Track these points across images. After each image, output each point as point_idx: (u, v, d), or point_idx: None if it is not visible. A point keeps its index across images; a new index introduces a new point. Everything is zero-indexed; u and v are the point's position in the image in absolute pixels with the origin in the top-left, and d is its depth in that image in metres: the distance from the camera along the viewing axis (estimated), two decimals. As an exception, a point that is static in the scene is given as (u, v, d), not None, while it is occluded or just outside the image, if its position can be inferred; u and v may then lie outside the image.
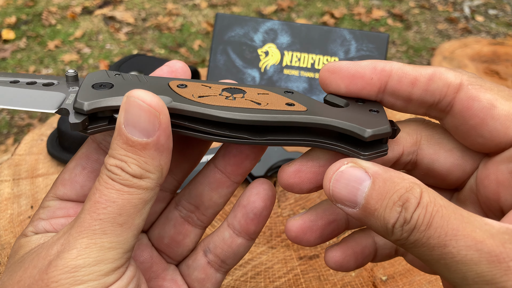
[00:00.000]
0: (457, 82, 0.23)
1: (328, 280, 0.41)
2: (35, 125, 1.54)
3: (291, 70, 0.58)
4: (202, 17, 2.22)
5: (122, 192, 0.21)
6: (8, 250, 0.44)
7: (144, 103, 0.21)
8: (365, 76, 0.24)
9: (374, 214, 0.21)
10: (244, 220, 0.28)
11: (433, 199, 0.20)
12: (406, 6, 2.33)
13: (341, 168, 0.22)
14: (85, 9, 2.26)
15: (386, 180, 0.21)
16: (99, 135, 0.26)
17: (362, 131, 0.22)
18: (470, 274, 0.19)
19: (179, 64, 0.27)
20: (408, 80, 0.23)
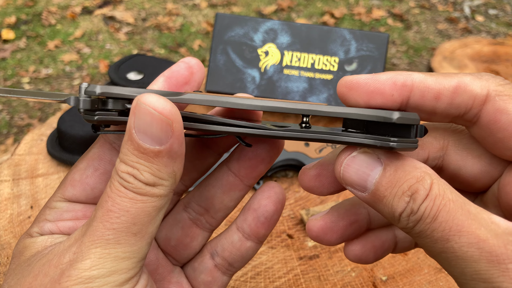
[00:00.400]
0: (483, 94, 0.21)
1: (328, 280, 0.41)
2: (35, 125, 1.54)
3: (291, 70, 0.58)
4: (202, 17, 2.22)
5: (136, 201, 0.21)
6: (8, 250, 0.44)
7: (155, 112, 0.20)
8: (385, 92, 0.22)
9: (383, 200, 0.21)
10: (255, 223, 0.28)
11: (442, 192, 0.20)
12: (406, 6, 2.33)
13: (353, 153, 0.22)
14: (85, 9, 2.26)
15: (398, 168, 0.21)
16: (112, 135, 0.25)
17: (390, 114, 0.21)
18: (469, 270, 0.19)
19: (194, 61, 0.26)
20: (432, 95, 0.22)
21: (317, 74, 0.58)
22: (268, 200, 0.27)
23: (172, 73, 0.26)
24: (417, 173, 0.21)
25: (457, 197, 0.20)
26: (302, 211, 0.47)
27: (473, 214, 0.19)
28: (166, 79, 0.26)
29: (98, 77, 1.79)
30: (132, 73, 0.61)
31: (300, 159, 0.52)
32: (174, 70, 0.26)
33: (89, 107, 0.21)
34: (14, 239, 0.45)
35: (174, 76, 0.26)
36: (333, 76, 0.58)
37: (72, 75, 1.81)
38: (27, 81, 1.77)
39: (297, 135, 0.22)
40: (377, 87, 0.22)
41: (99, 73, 1.82)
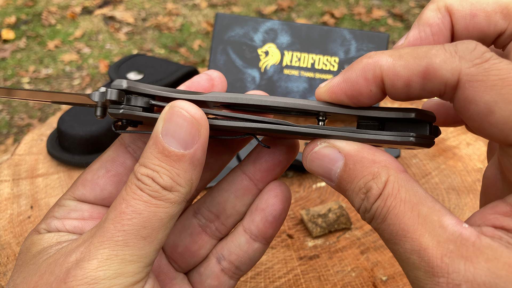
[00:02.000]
0: (454, 80, 0.19)
1: (328, 281, 0.41)
2: (35, 125, 1.54)
3: (291, 70, 0.58)
4: (202, 17, 2.22)
5: (150, 204, 0.21)
6: (8, 250, 0.44)
7: (188, 114, 0.21)
8: (363, 92, 0.22)
9: (346, 193, 0.22)
10: (263, 223, 0.27)
11: (396, 191, 0.20)
12: (407, 6, 2.32)
13: (314, 149, 0.23)
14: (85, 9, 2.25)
15: (356, 162, 0.21)
16: (128, 137, 0.26)
17: (408, 110, 0.22)
18: (410, 275, 0.19)
19: (216, 74, 0.27)
20: (402, 83, 0.20)
21: (317, 74, 0.58)
22: (276, 198, 0.27)
23: (193, 83, 0.26)
24: (374, 168, 0.21)
25: (411, 196, 0.20)
26: (302, 211, 0.47)
27: (423, 216, 0.19)
28: (186, 88, 0.26)
29: (98, 77, 1.79)
30: (132, 73, 0.61)
31: (300, 159, 0.52)
32: (195, 80, 0.26)
33: (116, 98, 0.22)
34: (14, 239, 0.45)
35: (194, 86, 0.26)
36: (333, 76, 0.58)
37: (72, 75, 1.81)
38: (27, 81, 1.77)
39: (325, 132, 0.23)
40: (353, 89, 0.22)
41: (99, 73, 1.82)
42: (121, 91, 0.22)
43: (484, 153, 0.57)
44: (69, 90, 1.73)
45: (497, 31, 0.22)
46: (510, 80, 0.18)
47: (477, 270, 0.17)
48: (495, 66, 0.18)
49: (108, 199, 0.26)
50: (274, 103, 0.23)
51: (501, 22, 0.22)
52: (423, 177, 0.53)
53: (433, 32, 0.23)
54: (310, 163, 0.23)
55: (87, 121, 0.53)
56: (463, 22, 0.23)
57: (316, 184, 0.53)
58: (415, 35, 0.24)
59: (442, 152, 0.57)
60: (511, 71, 0.18)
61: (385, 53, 0.21)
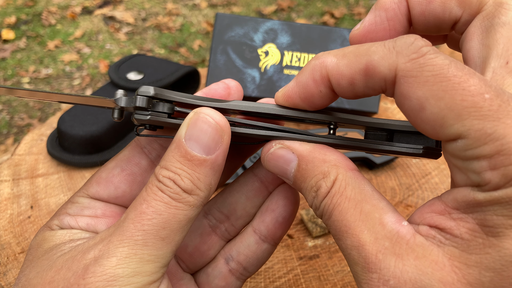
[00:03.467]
0: (392, 76, 0.19)
1: (328, 280, 0.41)
2: (35, 125, 1.54)
3: (291, 70, 0.58)
4: (202, 17, 2.22)
5: (170, 206, 0.21)
6: (8, 250, 0.44)
7: (213, 120, 0.22)
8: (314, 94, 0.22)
9: (301, 191, 0.23)
10: (273, 224, 0.28)
11: (342, 189, 0.21)
12: (406, 6, 2.32)
13: (270, 150, 0.24)
14: (85, 9, 2.26)
15: (308, 162, 0.22)
16: (144, 139, 0.27)
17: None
18: (351, 270, 0.20)
19: (233, 83, 0.27)
20: (346, 81, 0.21)
21: (317, 74, 0.58)
22: (286, 200, 0.28)
23: (210, 90, 0.26)
24: (324, 167, 0.21)
25: (356, 194, 0.20)
26: (302, 211, 0.47)
27: (365, 213, 0.20)
28: (203, 95, 0.26)
29: (98, 77, 1.79)
30: (132, 73, 0.61)
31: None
32: (212, 88, 0.27)
33: (145, 105, 0.22)
34: (14, 239, 0.45)
35: (211, 94, 0.26)
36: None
37: (72, 75, 1.81)
38: (27, 81, 1.77)
39: (340, 142, 0.24)
40: (305, 92, 0.22)
41: (99, 73, 1.82)
42: (149, 97, 0.23)
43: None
44: (69, 90, 1.73)
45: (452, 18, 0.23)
46: (442, 77, 0.18)
47: (405, 267, 0.18)
48: (430, 62, 0.18)
49: (122, 197, 0.26)
50: (290, 113, 0.24)
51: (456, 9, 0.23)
52: (423, 177, 0.53)
53: (388, 17, 0.24)
54: (267, 163, 0.24)
55: (87, 121, 0.53)
56: (419, 8, 0.23)
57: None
58: (371, 20, 0.24)
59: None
60: (444, 67, 0.18)
61: (331, 53, 0.21)
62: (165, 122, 0.23)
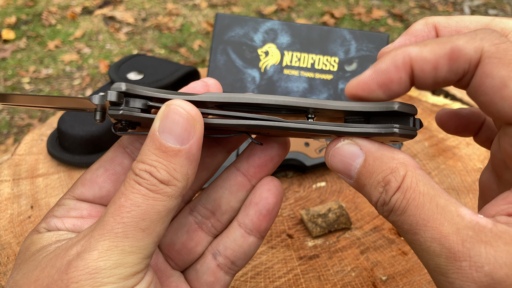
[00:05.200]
0: (477, 57, 0.21)
1: (328, 280, 0.41)
2: (35, 125, 1.54)
3: (291, 70, 0.58)
4: (202, 17, 2.22)
5: (148, 197, 0.22)
6: (8, 250, 0.44)
7: (184, 111, 0.22)
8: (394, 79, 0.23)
9: (364, 188, 0.23)
10: (257, 217, 0.28)
11: (414, 185, 0.21)
12: (406, 6, 2.33)
13: (337, 145, 0.24)
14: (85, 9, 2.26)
15: (376, 159, 0.22)
16: (126, 139, 0.27)
17: (391, 104, 0.23)
18: (431, 263, 0.20)
19: (212, 81, 0.28)
20: (430, 66, 0.22)
21: (317, 74, 0.58)
22: (269, 192, 0.28)
23: (189, 89, 0.27)
24: (393, 164, 0.22)
25: (429, 190, 0.21)
26: (302, 211, 0.47)
27: (441, 207, 0.20)
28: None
29: (98, 77, 1.79)
30: (132, 73, 0.61)
31: (300, 159, 0.52)
32: (191, 86, 0.27)
33: (116, 99, 0.23)
34: (14, 239, 0.45)
35: (189, 91, 0.27)
36: (333, 76, 0.58)
37: (72, 75, 1.81)
38: (27, 81, 1.77)
39: (313, 127, 0.24)
40: (385, 77, 0.23)
41: (99, 73, 1.82)
42: (120, 93, 0.23)
43: (484, 153, 0.57)
44: (69, 90, 1.73)
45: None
46: None
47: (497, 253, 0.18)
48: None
49: (106, 197, 0.27)
50: (263, 100, 0.24)
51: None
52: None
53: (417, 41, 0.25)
54: (332, 158, 0.24)
55: (87, 121, 0.53)
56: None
57: (316, 184, 0.53)
58: (401, 42, 0.26)
59: (442, 152, 0.57)
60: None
61: (411, 44, 0.23)
62: (138, 116, 0.24)
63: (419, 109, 0.64)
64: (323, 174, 0.54)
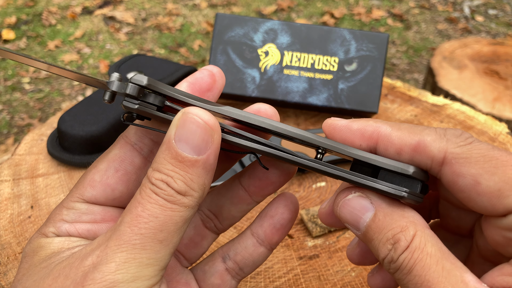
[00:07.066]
0: (440, 156, 0.22)
1: (328, 280, 0.41)
2: (35, 125, 1.54)
3: (291, 70, 0.58)
4: (202, 17, 2.22)
5: (165, 208, 0.21)
6: (8, 250, 0.44)
7: (201, 120, 0.21)
8: (355, 142, 0.25)
9: (372, 242, 0.23)
10: (270, 230, 0.29)
11: (423, 245, 0.21)
12: (406, 6, 2.33)
13: (348, 196, 0.24)
14: (85, 9, 2.26)
15: (386, 215, 0.23)
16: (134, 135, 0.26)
17: (406, 167, 0.23)
18: None
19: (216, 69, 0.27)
20: (394, 150, 0.24)
21: (317, 74, 0.58)
22: (285, 208, 0.29)
23: (196, 79, 0.26)
24: (403, 222, 0.22)
25: (436, 251, 0.21)
26: (302, 211, 0.47)
27: (447, 270, 0.20)
28: (189, 85, 0.26)
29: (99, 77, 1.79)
30: (132, 73, 0.61)
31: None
32: (198, 77, 0.26)
33: (136, 94, 0.22)
34: (14, 239, 0.45)
35: (198, 83, 0.26)
36: (333, 76, 0.58)
37: (72, 75, 1.81)
38: (27, 81, 1.77)
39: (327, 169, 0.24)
40: (348, 137, 0.25)
41: (100, 73, 1.82)
42: (141, 87, 0.22)
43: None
44: (70, 90, 1.73)
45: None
46: (490, 157, 0.21)
47: None
48: (476, 146, 0.22)
49: (120, 198, 0.26)
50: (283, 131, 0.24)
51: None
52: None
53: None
54: (341, 209, 0.24)
55: (87, 121, 0.53)
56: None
57: (316, 184, 0.53)
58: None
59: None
60: (490, 150, 0.22)
61: (387, 123, 0.24)
62: (153, 114, 0.23)
63: (419, 109, 0.64)
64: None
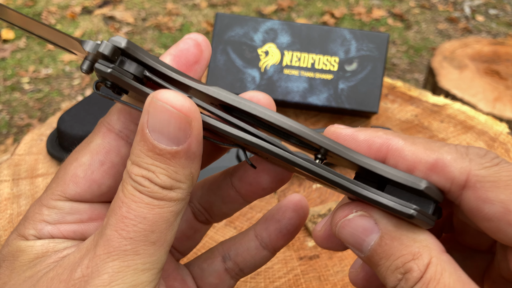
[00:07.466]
0: (462, 179, 0.19)
1: (328, 281, 0.41)
2: (34, 125, 1.54)
3: (291, 70, 0.58)
4: (202, 17, 2.22)
5: (153, 206, 0.19)
6: (7, 250, 0.44)
7: (173, 109, 0.18)
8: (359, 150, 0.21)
9: (377, 268, 0.20)
10: (276, 234, 0.27)
11: (439, 275, 0.18)
12: (407, 6, 2.32)
13: (348, 216, 0.21)
14: (84, 9, 2.25)
15: (394, 239, 0.20)
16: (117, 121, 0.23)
17: (418, 180, 0.20)
18: None
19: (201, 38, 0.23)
20: (405, 166, 0.20)
21: (317, 74, 0.58)
22: (294, 213, 0.27)
23: (181, 51, 0.23)
24: (415, 248, 0.19)
25: (455, 283, 0.18)
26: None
27: None
28: (174, 58, 0.22)
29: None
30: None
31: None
32: (182, 48, 0.23)
33: (110, 54, 0.19)
34: (14, 239, 0.45)
35: (183, 55, 0.23)
36: (333, 76, 0.58)
37: (72, 75, 1.81)
38: (27, 81, 1.77)
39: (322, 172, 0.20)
40: (353, 148, 0.21)
41: (99, 73, 1.82)
42: (118, 48, 0.19)
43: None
44: (69, 90, 1.73)
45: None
46: None
47: None
48: (505, 168, 0.19)
49: (108, 193, 0.23)
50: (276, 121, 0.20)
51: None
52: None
53: None
54: (340, 229, 0.21)
55: (87, 121, 0.53)
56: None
57: (316, 184, 0.53)
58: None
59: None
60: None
61: (400, 135, 0.21)
62: (130, 85, 0.20)
63: (419, 109, 0.64)
64: (323, 174, 0.54)
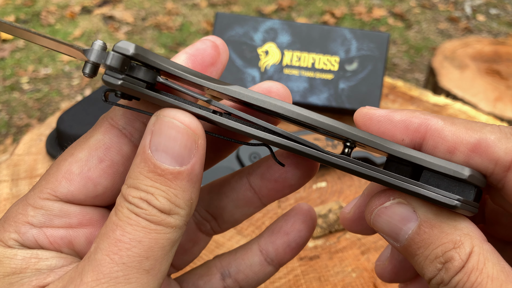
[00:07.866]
0: (507, 160, 0.18)
1: (329, 281, 0.41)
2: (34, 125, 1.54)
3: (291, 69, 0.58)
4: (202, 16, 2.22)
5: (149, 230, 0.18)
6: (6, 251, 0.43)
7: (181, 124, 0.18)
8: (396, 136, 0.20)
9: (414, 258, 0.19)
10: (284, 248, 0.25)
11: (482, 265, 0.18)
12: (407, 5, 2.32)
13: (385, 203, 0.20)
14: (84, 8, 2.25)
15: (434, 227, 0.19)
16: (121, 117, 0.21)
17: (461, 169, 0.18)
18: None
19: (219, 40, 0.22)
20: (445, 148, 0.19)
21: (317, 73, 0.58)
22: (304, 225, 0.25)
23: (198, 51, 0.21)
24: (456, 236, 0.18)
25: (499, 273, 0.17)
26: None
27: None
28: (189, 57, 0.21)
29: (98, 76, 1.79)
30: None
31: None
32: (199, 48, 0.22)
33: (119, 66, 0.17)
34: (13, 240, 0.45)
35: (199, 55, 0.21)
36: (334, 75, 0.58)
37: (71, 74, 1.81)
38: (26, 80, 1.77)
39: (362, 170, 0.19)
40: (388, 129, 0.20)
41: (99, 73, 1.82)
42: (126, 57, 0.17)
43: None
44: (69, 90, 1.73)
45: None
46: None
47: None
48: None
49: (103, 196, 0.21)
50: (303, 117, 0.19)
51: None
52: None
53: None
54: (376, 218, 0.20)
55: (87, 121, 0.53)
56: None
57: (316, 184, 0.53)
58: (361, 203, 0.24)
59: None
60: None
61: (438, 116, 0.20)
62: (142, 93, 0.18)
63: (420, 109, 0.64)
64: (324, 174, 0.54)
